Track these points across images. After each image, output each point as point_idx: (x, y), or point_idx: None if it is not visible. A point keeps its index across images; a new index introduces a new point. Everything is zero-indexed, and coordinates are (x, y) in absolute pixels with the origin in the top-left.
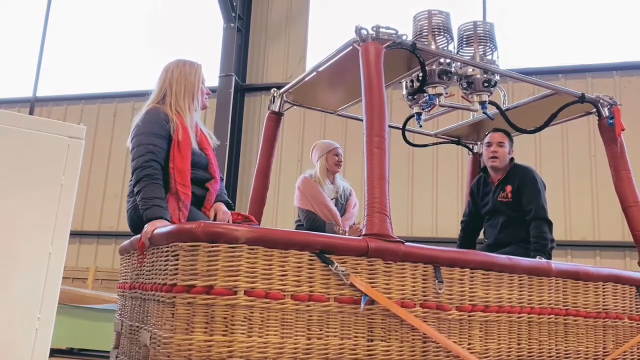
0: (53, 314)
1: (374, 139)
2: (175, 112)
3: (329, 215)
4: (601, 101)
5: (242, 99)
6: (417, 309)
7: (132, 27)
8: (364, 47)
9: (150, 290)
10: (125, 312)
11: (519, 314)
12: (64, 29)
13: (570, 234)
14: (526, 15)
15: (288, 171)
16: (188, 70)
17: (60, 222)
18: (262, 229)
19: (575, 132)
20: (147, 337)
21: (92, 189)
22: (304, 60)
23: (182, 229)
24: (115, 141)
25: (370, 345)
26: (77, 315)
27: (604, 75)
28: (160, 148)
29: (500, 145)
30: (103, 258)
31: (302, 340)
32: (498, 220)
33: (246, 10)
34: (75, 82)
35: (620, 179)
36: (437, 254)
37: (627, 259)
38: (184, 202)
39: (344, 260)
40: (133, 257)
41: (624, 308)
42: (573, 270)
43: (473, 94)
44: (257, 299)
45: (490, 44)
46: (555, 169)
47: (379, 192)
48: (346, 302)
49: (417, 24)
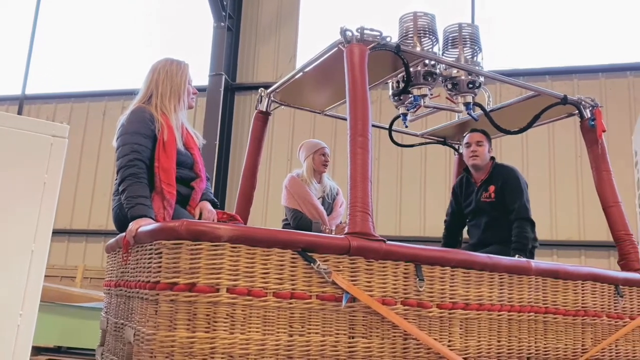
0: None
1: (357, 139)
2: (160, 112)
3: (315, 214)
4: (583, 103)
5: (232, 98)
6: (398, 307)
7: (122, 25)
8: (349, 49)
9: (135, 287)
10: (111, 309)
11: (499, 311)
12: (53, 26)
13: (556, 234)
14: (515, 18)
15: (278, 170)
16: (175, 70)
17: (43, 220)
18: (244, 228)
19: (561, 133)
20: (131, 334)
21: (81, 188)
22: (294, 59)
23: (165, 227)
24: (105, 140)
25: (352, 342)
26: (65, 313)
27: (589, 77)
28: (145, 147)
29: (479, 144)
30: (92, 256)
31: (284, 337)
32: (481, 220)
33: (236, 10)
34: (64, 80)
35: (601, 179)
36: (417, 252)
37: (612, 259)
38: (168, 201)
39: (326, 258)
40: (119, 255)
41: (603, 306)
42: (553, 269)
43: (458, 95)
44: (239, 296)
45: (475, 46)
46: (541, 170)
47: (361, 192)
48: (328, 300)
49: (402, 25)
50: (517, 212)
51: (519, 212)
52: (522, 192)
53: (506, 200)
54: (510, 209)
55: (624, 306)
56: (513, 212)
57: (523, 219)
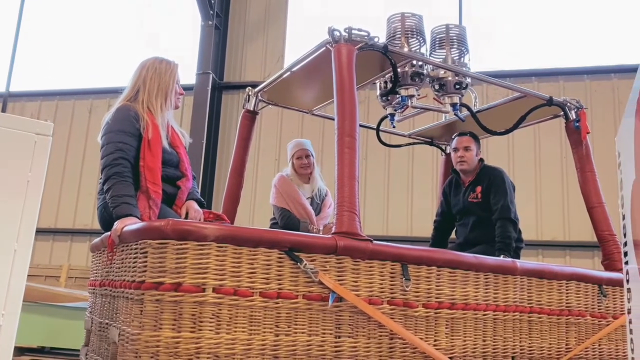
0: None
1: (344, 139)
2: (147, 110)
3: (304, 214)
4: (568, 104)
5: (220, 97)
6: (385, 306)
7: (108, 23)
8: (337, 48)
9: (120, 287)
10: (96, 309)
11: (485, 311)
12: (38, 22)
13: (541, 234)
14: (502, 19)
15: (265, 170)
16: (164, 68)
17: (26, 218)
18: (231, 227)
19: (547, 135)
20: (116, 334)
21: (67, 186)
22: (282, 59)
23: (151, 226)
24: (90, 138)
25: (338, 341)
26: (49, 313)
27: (575, 78)
28: (130, 146)
29: (467, 149)
30: (77, 256)
31: (270, 337)
32: (469, 220)
33: (224, 8)
34: (49, 77)
35: (585, 180)
36: (404, 252)
37: (596, 259)
38: (154, 200)
39: (313, 258)
40: (104, 254)
41: (586, 306)
42: (538, 269)
43: (445, 96)
44: (225, 296)
45: (462, 47)
46: (527, 171)
47: (348, 191)
48: (314, 299)
49: (390, 26)
50: (499, 212)
51: (501, 212)
52: (505, 193)
53: (490, 200)
54: (494, 209)
55: (607, 306)
56: (496, 212)
57: (505, 218)
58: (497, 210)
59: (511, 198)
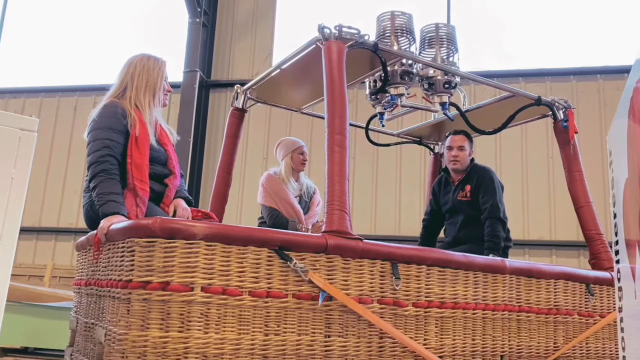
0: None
1: (335, 137)
2: (134, 106)
3: (292, 212)
4: (556, 104)
5: (207, 95)
6: (375, 305)
7: (95, 19)
8: (327, 46)
9: (106, 286)
10: (81, 309)
11: (474, 310)
12: (22, 19)
13: (528, 234)
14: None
15: (253, 168)
16: (152, 65)
17: (10, 216)
18: (220, 225)
19: (534, 135)
20: (102, 334)
21: (51, 185)
22: (270, 57)
23: (138, 224)
24: (76, 136)
25: (328, 341)
26: (32, 313)
27: (562, 79)
28: (117, 143)
29: (461, 149)
30: (61, 255)
31: (260, 336)
32: (458, 218)
33: (212, 6)
34: (34, 73)
35: (573, 179)
36: (394, 250)
37: (581, 258)
38: (141, 198)
39: (303, 256)
40: (89, 253)
41: (574, 304)
42: (526, 268)
43: (434, 95)
44: (214, 295)
45: (451, 46)
46: (514, 170)
47: (339, 190)
48: (304, 298)
49: (380, 24)
50: (488, 211)
51: (490, 211)
52: (494, 192)
53: (479, 199)
54: (483, 208)
55: (595, 304)
56: (485, 211)
57: (494, 217)
58: (486, 210)
59: (500, 197)
